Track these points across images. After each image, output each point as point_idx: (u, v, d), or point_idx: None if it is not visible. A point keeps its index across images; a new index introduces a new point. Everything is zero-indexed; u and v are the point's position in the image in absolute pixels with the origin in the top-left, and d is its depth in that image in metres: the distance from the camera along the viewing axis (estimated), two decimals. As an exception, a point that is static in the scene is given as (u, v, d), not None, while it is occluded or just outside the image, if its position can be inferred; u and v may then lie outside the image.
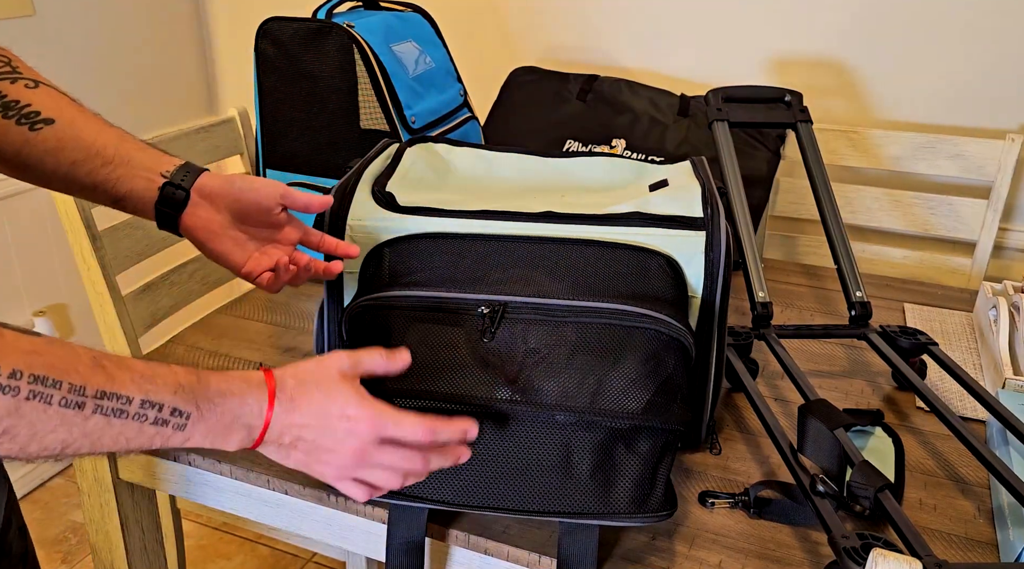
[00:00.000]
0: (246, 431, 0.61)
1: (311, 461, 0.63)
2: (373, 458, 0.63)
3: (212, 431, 0.59)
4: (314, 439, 0.62)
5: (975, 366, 1.09)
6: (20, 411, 0.50)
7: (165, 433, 0.57)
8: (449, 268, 0.78)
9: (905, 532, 0.66)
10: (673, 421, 0.72)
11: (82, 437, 0.53)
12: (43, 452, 0.52)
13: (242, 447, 0.62)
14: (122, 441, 0.55)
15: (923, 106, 1.65)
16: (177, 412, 0.57)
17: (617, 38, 1.83)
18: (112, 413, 0.54)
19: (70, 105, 0.77)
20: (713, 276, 0.80)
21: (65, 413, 0.52)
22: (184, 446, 0.59)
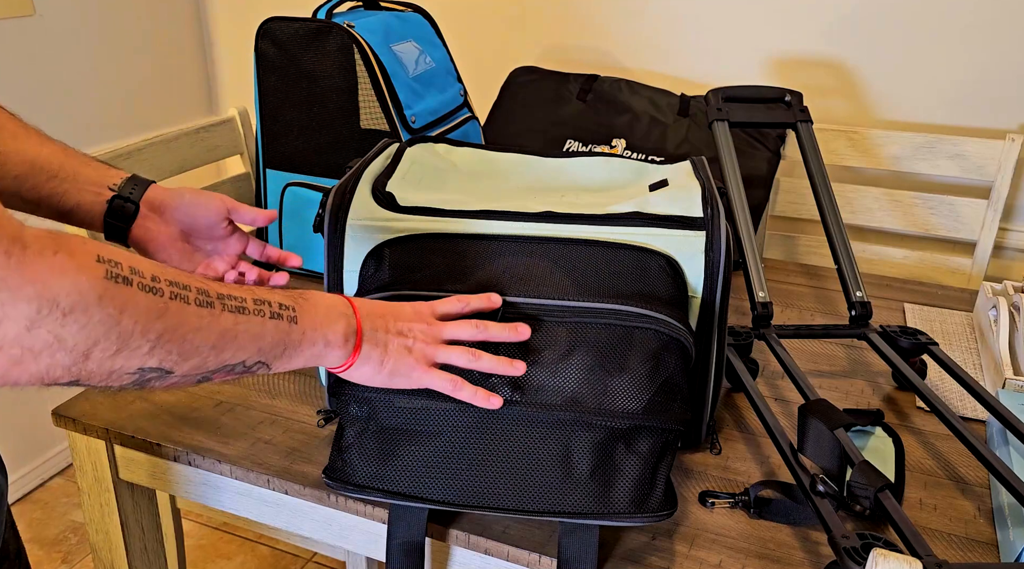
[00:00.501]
0: (345, 319, 0.66)
1: (401, 349, 0.68)
2: (443, 331, 0.70)
3: (319, 320, 0.64)
4: (394, 319, 0.69)
5: (975, 366, 1.09)
6: (168, 312, 0.51)
7: (283, 326, 0.61)
8: (449, 268, 0.78)
9: (905, 532, 0.67)
10: (673, 421, 0.72)
11: (220, 337, 0.55)
12: (194, 360, 0.54)
13: (348, 340, 0.66)
14: (254, 339, 0.58)
15: (923, 106, 1.65)
16: (284, 306, 0.61)
17: (617, 38, 1.83)
18: (236, 310, 0.57)
19: (9, 119, 0.77)
20: (713, 276, 0.80)
21: (201, 312, 0.54)
22: (301, 347, 0.62)
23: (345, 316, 0.66)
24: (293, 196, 1.27)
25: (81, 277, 0.46)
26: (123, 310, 0.48)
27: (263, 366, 0.61)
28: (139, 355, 0.50)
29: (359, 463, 0.74)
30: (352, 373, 0.68)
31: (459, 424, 0.72)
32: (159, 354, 0.51)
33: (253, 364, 0.60)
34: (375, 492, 0.73)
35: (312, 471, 0.83)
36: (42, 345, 0.45)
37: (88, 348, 0.47)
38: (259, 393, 0.97)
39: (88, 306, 0.46)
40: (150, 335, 0.50)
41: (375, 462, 0.73)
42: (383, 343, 0.68)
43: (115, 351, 0.49)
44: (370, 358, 0.67)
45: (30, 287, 0.44)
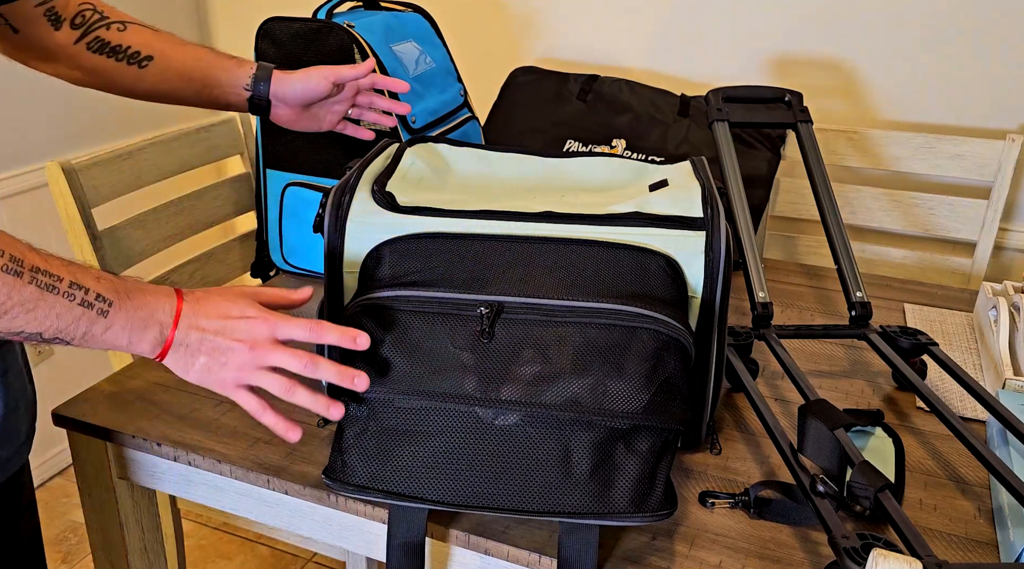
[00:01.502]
0: (158, 329, 0.68)
1: (213, 364, 0.69)
2: (268, 357, 0.69)
3: (131, 322, 0.66)
4: (216, 338, 0.69)
5: (975, 366, 1.09)
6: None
7: (90, 316, 0.64)
8: (448, 268, 0.78)
9: (905, 532, 0.67)
10: (673, 421, 0.72)
11: (19, 305, 0.60)
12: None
13: (154, 349, 0.68)
14: (53, 317, 0.62)
15: (923, 106, 1.65)
16: (101, 298, 0.65)
17: (617, 38, 1.83)
18: (45, 287, 0.62)
19: (157, 38, 0.95)
20: (713, 276, 0.80)
21: (5, 277, 0.59)
22: (104, 339, 0.65)
23: (160, 325, 0.68)
24: (293, 196, 1.27)
25: None
26: None
27: (61, 341, 0.64)
28: None
29: (359, 463, 0.74)
30: (167, 366, 0.70)
31: (459, 424, 0.72)
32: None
33: (51, 338, 0.64)
34: (375, 492, 0.73)
35: (312, 471, 0.83)
36: None
37: None
38: (259, 393, 0.96)
39: None
40: None
41: (375, 462, 0.73)
42: (194, 353, 0.69)
43: None
44: (177, 363, 0.69)
45: None
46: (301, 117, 1.05)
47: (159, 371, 1.00)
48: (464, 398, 0.71)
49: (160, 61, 0.94)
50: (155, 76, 0.95)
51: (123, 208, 1.31)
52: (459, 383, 0.72)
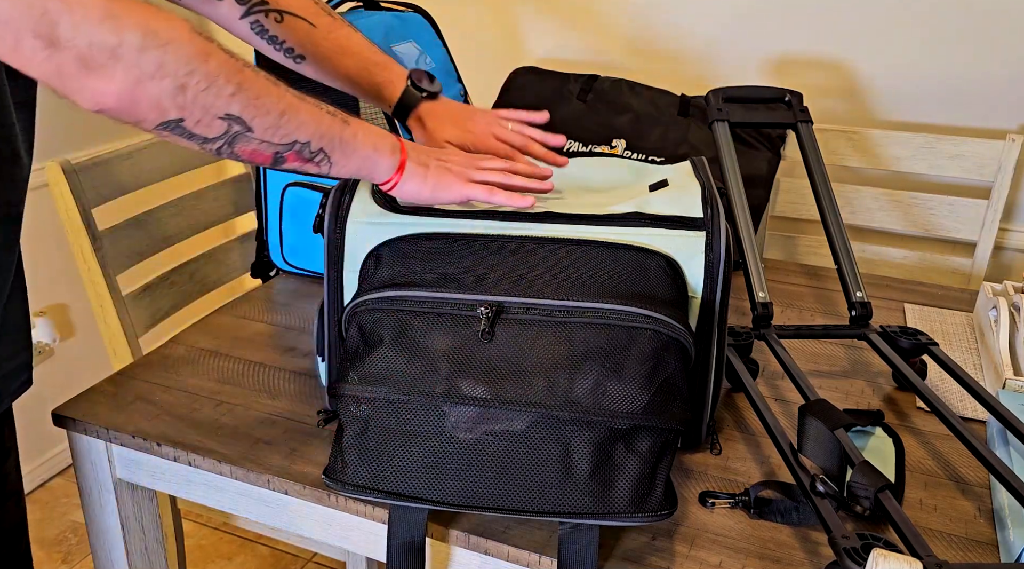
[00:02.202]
0: (391, 140, 0.77)
1: (441, 167, 0.79)
2: (480, 162, 0.83)
3: (369, 132, 0.75)
4: (437, 153, 0.82)
5: (975, 366, 1.09)
6: (244, 73, 0.64)
7: (337, 123, 0.72)
8: (448, 268, 0.78)
9: (905, 532, 0.67)
10: (673, 421, 0.72)
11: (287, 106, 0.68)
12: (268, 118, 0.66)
13: (394, 153, 0.77)
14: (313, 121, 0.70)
15: (923, 106, 1.65)
16: (337, 112, 0.73)
17: (617, 38, 1.83)
18: (298, 97, 0.69)
19: (311, 38, 0.95)
20: (713, 276, 0.80)
21: (269, 85, 0.67)
22: (355, 145, 0.74)
23: (391, 139, 0.77)
24: (293, 196, 1.27)
25: (173, 23, 0.60)
26: (209, 54, 0.62)
27: (324, 157, 0.72)
28: (224, 97, 0.63)
29: (359, 463, 0.74)
30: (401, 189, 0.78)
31: (459, 424, 0.72)
32: (240, 102, 0.64)
33: (317, 152, 0.71)
34: (375, 492, 0.73)
35: (312, 471, 0.83)
36: (153, 68, 0.59)
37: (186, 75, 0.61)
38: (259, 393, 0.97)
39: (182, 42, 0.60)
40: (232, 82, 0.63)
41: (375, 462, 0.73)
42: (425, 163, 0.79)
43: (206, 87, 0.62)
44: (415, 173, 0.78)
45: (134, 19, 0.58)
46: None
47: (159, 371, 1.00)
48: (463, 398, 0.71)
49: (311, 62, 0.96)
50: (309, 71, 0.98)
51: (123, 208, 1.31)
52: (458, 383, 0.72)
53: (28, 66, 0.57)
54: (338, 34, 0.96)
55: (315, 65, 0.96)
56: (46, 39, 0.55)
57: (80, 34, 0.56)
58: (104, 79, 0.58)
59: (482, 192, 0.79)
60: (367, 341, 0.75)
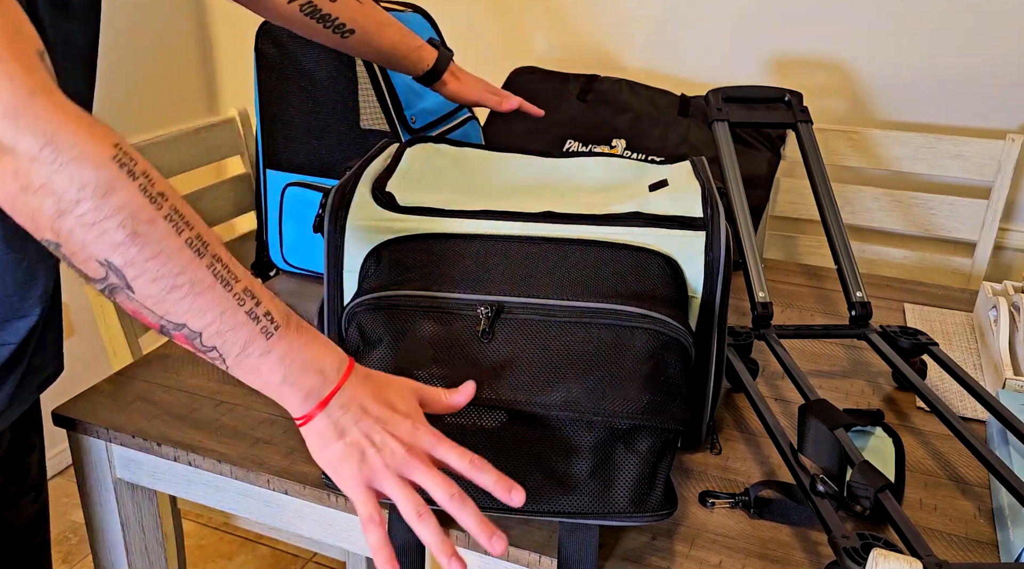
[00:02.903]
0: (320, 379, 0.61)
1: (352, 453, 0.61)
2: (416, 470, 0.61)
3: (291, 359, 0.60)
4: (375, 425, 0.61)
5: (975, 366, 1.09)
6: (154, 224, 0.54)
7: (252, 331, 0.58)
8: (448, 268, 0.78)
9: (905, 532, 0.67)
10: (673, 421, 0.72)
11: (189, 284, 0.56)
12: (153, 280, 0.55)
13: (305, 401, 0.61)
14: (217, 313, 0.57)
15: (923, 106, 1.65)
16: (269, 316, 0.59)
17: (617, 38, 1.83)
18: (220, 279, 0.57)
19: (362, 13, 1.06)
20: (713, 276, 0.80)
21: (186, 251, 0.56)
22: (257, 365, 0.59)
23: (323, 376, 0.61)
24: (293, 196, 1.27)
25: (90, 142, 0.52)
26: (113, 190, 0.53)
27: (218, 355, 0.59)
28: (109, 242, 0.53)
29: (359, 463, 0.74)
30: (304, 434, 0.63)
31: (458, 424, 0.72)
32: (125, 253, 0.54)
33: (209, 346, 0.58)
34: (375, 492, 0.73)
35: (312, 471, 0.83)
36: (39, 184, 0.52)
37: (71, 204, 0.52)
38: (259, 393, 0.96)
39: (86, 166, 0.52)
40: (127, 228, 0.53)
41: (375, 462, 0.73)
42: (341, 432, 0.61)
43: (91, 223, 0.53)
44: (318, 436, 0.62)
45: (40, 124, 0.51)
46: None
47: (159, 371, 1.00)
48: (464, 398, 0.71)
49: (361, 35, 1.06)
50: (353, 46, 1.07)
51: (123, 208, 1.31)
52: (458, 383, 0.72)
53: None
54: (376, 9, 1.09)
55: (362, 37, 1.06)
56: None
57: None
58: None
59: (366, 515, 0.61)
60: (367, 341, 0.75)
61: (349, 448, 0.61)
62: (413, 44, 1.12)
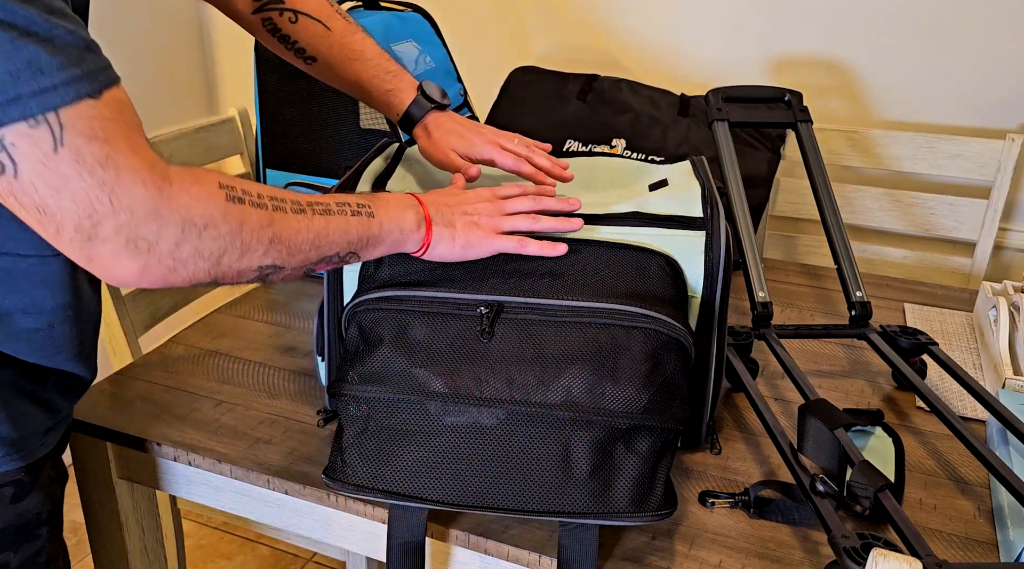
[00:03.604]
0: (414, 209, 0.75)
1: (468, 224, 0.77)
2: (504, 205, 0.79)
3: (392, 213, 0.73)
4: (460, 205, 0.78)
5: (975, 366, 1.09)
6: (274, 221, 0.64)
7: (363, 221, 0.71)
8: (448, 268, 0.78)
9: (905, 532, 0.67)
10: (673, 420, 0.72)
11: (316, 236, 0.67)
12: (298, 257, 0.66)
13: (419, 226, 0.75)
14: (342, 233, 0.69)
15: (923, 106, 1.65)
16: (361, 205, 0.72)
17: (617, 38, 1.83)
18: (324, 212, 0.68)
19: (324, 42, 0.95)
20: (713, 276, 0.80)
21: (299, 217, 0.66)
22: (382, 236, 0.73)
23: (413, 207, 0.75)
24: (293, 196, 1.27)
25: (211, 202, 0.60)
26: (243, 224, 0.61)
27: (353, 256, 0.71)
28: (257, 257, 0.63)
29: (359, 463, 0.74)
30: (431, 253, 0.76)
31: (458, 424, 0.72)
32: (272, 255, 0.64)
33: (346, 254, 0.71)
34: (375, 492, 0.73)
35: (312, 471, 0.83)
36: (187, 256, 0.59)
37: (220, 255, 0.61)
38: (259, 393, 0.97)
39: (217, 223, 0.60)
40: (263, 240, 0.63)
41: (375, 462, 0.73)
42: (451, 222, 0.77)
43: (239, 256, 0.62)
44: (443, 237, 0.76)
45: (177, 215, 0.58)
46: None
47: (159, 371, 1.00)
48: (463, 398, 0.71)
49: (322, 64, 0.96)
50: (318, 73, 0.98)
51: (123, 208, 1.31)
52: (458, 383, 0.72)
53: (61, 248, 0.56)
54: (352, 39, 0.96)
55: (326, 68, 0.96)
56: (86, 235, 0.55)
57: (121, 234, 0.55)
58: (135, 264, 0.57)
59: (513, 244, 0.78)
60: (367, 341, 0.75)
61: (465, 227, 0.77)
62: (383, 87, 0.96)
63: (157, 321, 1.32)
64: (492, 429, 0.72)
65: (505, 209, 0.80)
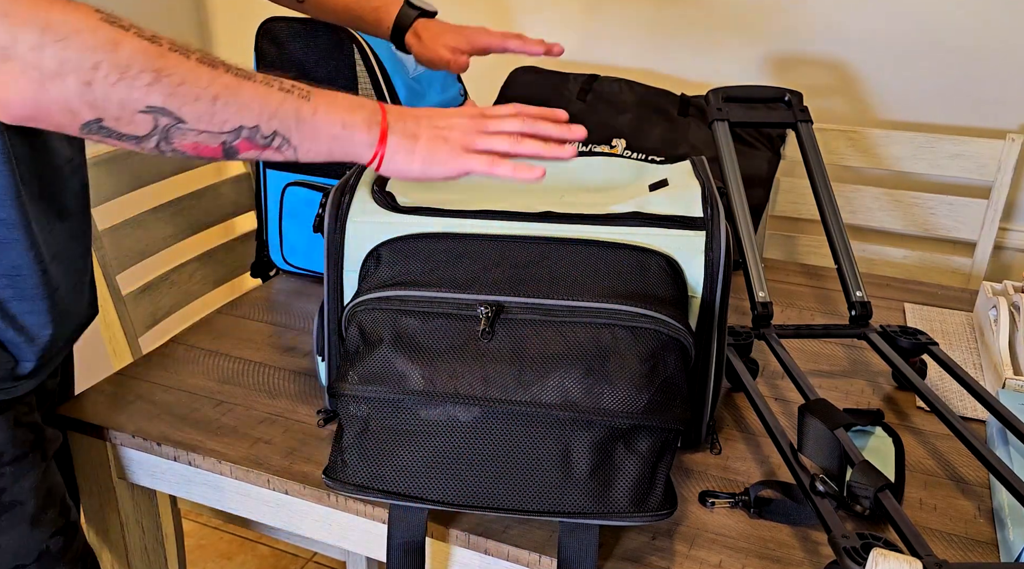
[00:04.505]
0: (368, 110, 0.68)
1: (435, 139, 0.68)
2: (487, 124, 0.70)
3: (336, 104, 0.66)
4: (432, 118, 0.70)
5: (975, 366, 1.09)
6: (166, 58, 0.58)
7: (292, 99, 0.64)
8: (448, 268, 0.78)
9: (905, 532, 0.67)
10: (673, 420, 0.72)
11: (223, 88, 0.60)
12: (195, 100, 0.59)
13: (371, 129, 0.67)
14: (259, 101, 0.62)
15: (923, 106, 1.65)
16: (296, 87, 0.65)
17: (617, 38, 1.83)
18: (243, 76, 0.62)
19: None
20: (713, 276, 0.80)
21: (202, 66, 0.60)
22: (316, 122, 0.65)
23: (368, 108, 0.68)
24: (293, 196, 1.27)
25: (78, 14, 0.55)
26: (118, 43, 0.56)
27: (283, 140, 0.64)
28: (140, 88, 0.57)
29: (359, 463, 0.74)
30: (387, 166, 0.69)
31: (458, 424, 0.72)
32: (160, 91, 0.58)
33: (271, 136, 0.63)
34: (375, 492, 0.73)
35: (312, 471, 0.83)
36: (53, 65, 0.54)
37: (91, 71, 0.55)
38: (259, 393, 0.97)
39: (84, 33, 0.55)
40: (148, 70, 0.57)
41: (375, 462, 0.73)
42: (413, 134, 0.69)
43: (117, 79, 0.56)
44: (400, 148, 0.68)
45: (32, 15, 0.53)
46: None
47: (159, 371, 1.00)
48: (463, 398, 0.71)
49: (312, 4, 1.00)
50: (308, 8, 1.01)
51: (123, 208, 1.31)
52: (458, 383, 0.72)
53: None
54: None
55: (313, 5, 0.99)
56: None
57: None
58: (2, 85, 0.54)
59: (482, 164, 0.69)
60: (367, 341, 0.75)
61: (430, 141, 0.69)
62: (370, 5, 1.01)
63: (157, 321, 1.32)
64: (492, 429, 0.72)
65: (485, 127, 0.71)
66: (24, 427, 0.78)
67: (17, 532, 0.77)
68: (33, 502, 0.78)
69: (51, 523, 0.80)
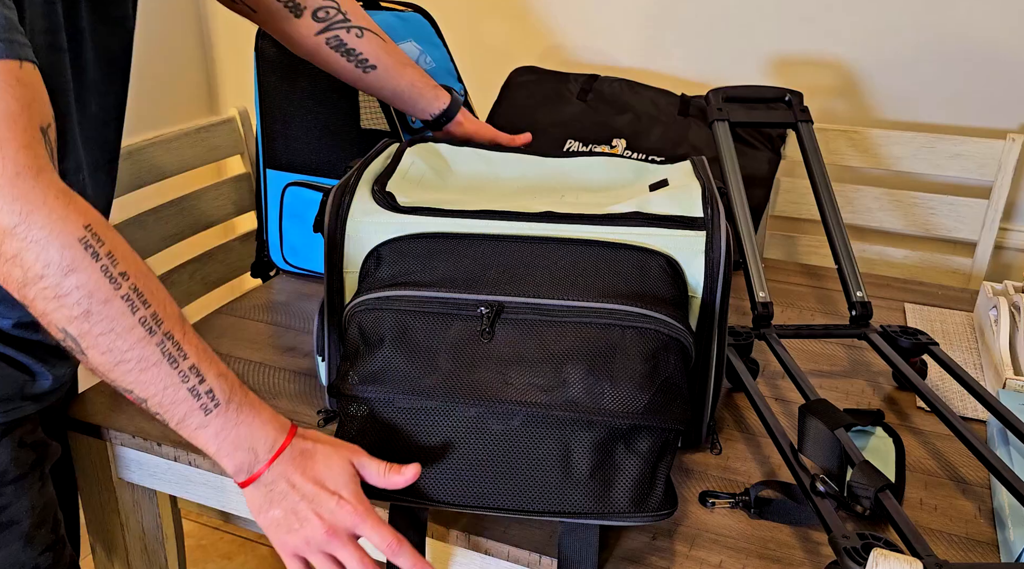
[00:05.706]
0: (252, 456, 0.66)
1: (284, 523, 0.66)
2: (337, 549, 0.67)
3: (225, 434, 0.65)
4: (300, 502, 0.66)
5: (975, 366, 1.09)
6: (111, 303, 0.59)
7: (191, 406, 0.64)
8: (448, 268, 0.78)
9: (906, 532, 0.66)
10: (673, 420, 0.72)
11: (137, 360, 0.61)
12: (103, 353, 0.60)
13: (238, 473, 0.67)
14: (160, 388, 0.62)
15: (923, 106, 1.65)
16: (211, 394, 0.64)
17: (617, 38, 1.83)
18: (168, 357, 0.62)
19: (385, 51, 1.06)
20: (713, 276, 0.80)
21: (138, 329, 0.60)
22: (195, 436, 0.65)
23: (253, 453, 0.66)
24: (293, 196, 1.27)
25: (61, 223, 0.57)
26: (74, 270, 0.57)
27: (162, 418, 0.64)
28: (66, 316, 0.58)
29: (359, 463, 0.74)
30: (244, 496, 0.69)
31: (459, 424, 0.72)
32: (80, 328, 0.59)
33: (153, 411, 0.64)
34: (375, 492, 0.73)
35: (312, 471, 0.83)
36: (9, 253, 0.56)
37: (35, 278, 0.57)
38: (259, 393, 0.96)
39: (51, 246, 0.56)
40: (82, 305, 0.58)
41: (375, 462, 0.73)
42: (274, 502, 0.66)
43: (53, 296, 0.58)
44: (253, 500, 0.67)
45: (19, 205, 0.56)
46: None
47: (159, 371, 1.00)
48: (463, 398, 0.71)
49: (382, 73, 1.05)
50: (372, 82, 1.06)
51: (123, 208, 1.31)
52: (457, 383, 0.72)
53: None
54: (398, 49, 1.08)
55: (382, 74, 1.06)
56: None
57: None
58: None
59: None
60: (367, 341, 0.75)
61: (278, 520, 0.67)
62: (430, 83, 1.11)
63: (157, 321, 1.32)
64: (492, 429, 0.72)
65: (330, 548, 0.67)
66: (28, 447, 0.79)
67: (10, 551, 0.78)
68: (28, 521, 0.79)
69: (43, 540, 0.81)
